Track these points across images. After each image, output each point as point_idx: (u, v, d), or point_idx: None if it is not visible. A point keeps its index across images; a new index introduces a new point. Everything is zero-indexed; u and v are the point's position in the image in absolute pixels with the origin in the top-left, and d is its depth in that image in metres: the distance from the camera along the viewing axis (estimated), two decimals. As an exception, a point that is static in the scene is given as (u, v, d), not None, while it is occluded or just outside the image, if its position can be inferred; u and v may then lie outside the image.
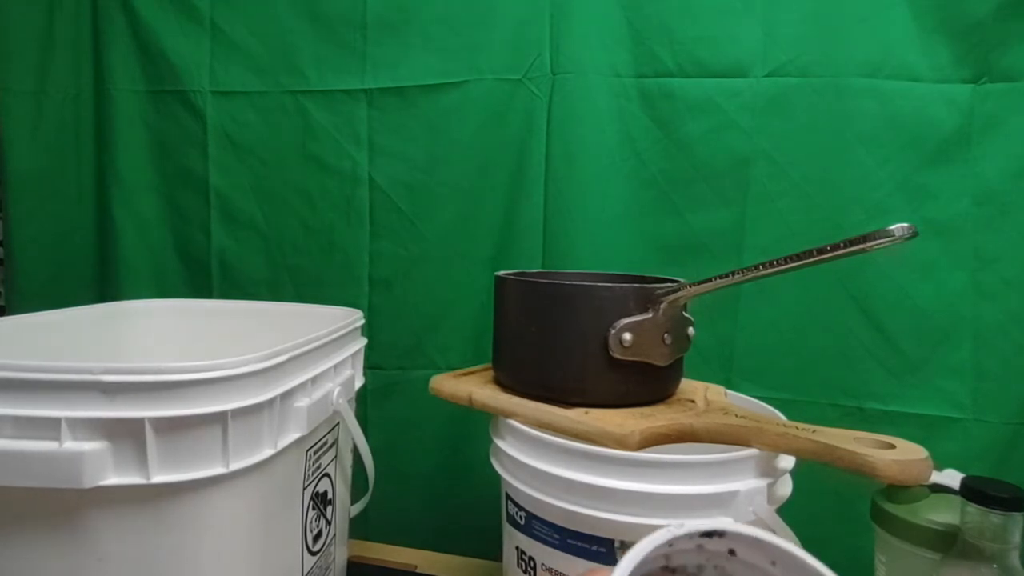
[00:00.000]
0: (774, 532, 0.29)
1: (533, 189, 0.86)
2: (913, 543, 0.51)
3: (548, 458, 0.51)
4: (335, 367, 0.59)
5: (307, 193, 0.93)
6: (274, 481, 0.49)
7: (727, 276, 0.50)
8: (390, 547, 0.84)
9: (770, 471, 0.50)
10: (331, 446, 0.62)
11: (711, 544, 0.25)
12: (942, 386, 0.78)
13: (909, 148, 0.77)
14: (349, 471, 0.70)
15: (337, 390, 0.58)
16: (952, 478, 0.54)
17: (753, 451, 0.48)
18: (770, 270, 0.47)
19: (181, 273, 0.97)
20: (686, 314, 0.58)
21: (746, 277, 0.48)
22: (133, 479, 0.40)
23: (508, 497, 0.58)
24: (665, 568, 0.27)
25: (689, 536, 0.24)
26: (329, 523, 0.62)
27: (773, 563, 0.26)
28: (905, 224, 0.40)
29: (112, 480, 0.40)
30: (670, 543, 0.24)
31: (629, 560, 0.23)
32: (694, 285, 0.52)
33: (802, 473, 0.52)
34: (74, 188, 0.98)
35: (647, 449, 0.48)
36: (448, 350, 0.92)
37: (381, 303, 0.92)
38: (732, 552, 0.26)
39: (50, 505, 0.41)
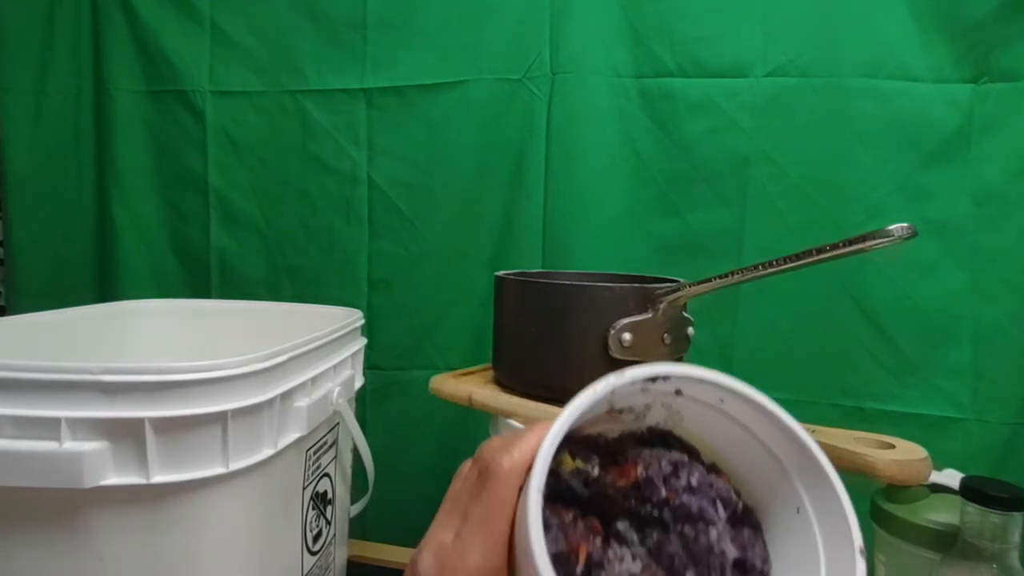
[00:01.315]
0: None
1: (533, 189, 0.86)
2: (913, 543, 0.51)
3: (548, 458, 0.50)
4: (335, 367, 0.59)
5: (307, 193, 0.93)
6: (274, 481, 0.49)
7: (727, 276, 0.50)
8: (390, 547, 0.84)
9: (770, 471, 0.50)
10: (331, 446, 0.62)
11: (656, 386, 0.25)
12: (942, 386, 0.78)
13: (909, 148, 0.78)
14: (349, 471, 0.70)
15: (337, 390, 0.58)
16: (952, 478, 0.54)
17: (753, 451, 0.48)
18: (770, 270, 0.47)
19: (181, 273, 0.97)
20: (686, 314, 0.58)
21: (746, 277, 0.48)
22: (133, 479, 0.40)
23: (508, 497, 0.58)
24: (611, 411, 0.27)
25: (632, 383, 0.24)
26: (329, 523, 0.62)
27: (721, 400, 0.26)
28: (904, 224, 0.40)
29: (112, 480, 0.40)
30: (612, 391, 0.24)
31: (569, 413, 0.23)
32: (694, 285, 0.52)
33: (802, 473, 0.52)
34: (74, 188, 0.98)
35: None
36: (448, 350, 0.92)
37: (381, 303, 0.92)
38: (679, 392, 0.26)
39: (50, 505, 0.41)
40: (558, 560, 0.21)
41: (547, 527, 0.22)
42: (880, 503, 0.54)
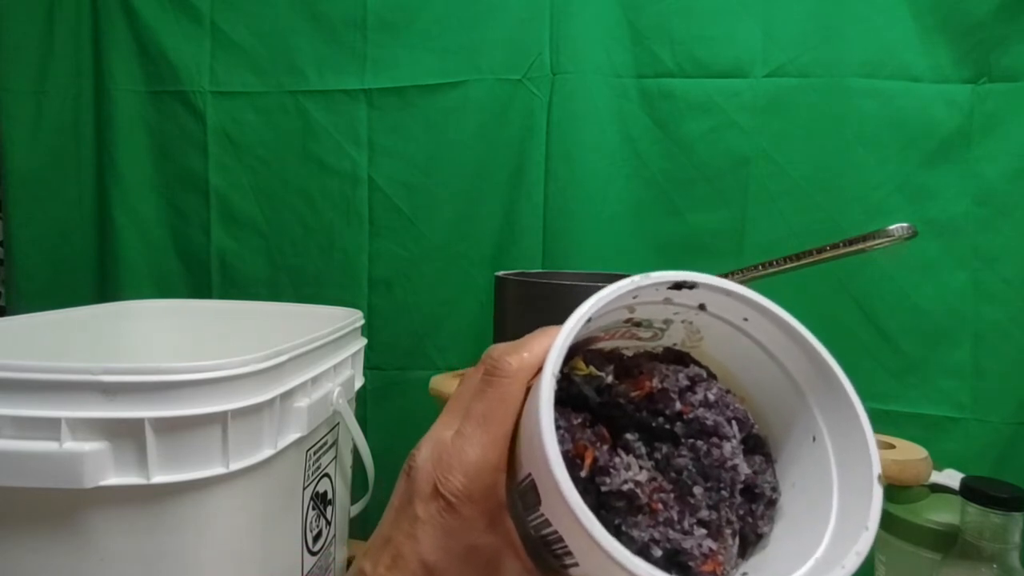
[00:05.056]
0: None
1: (533, 189, 0.86)
2: (913, 543, 0.51)
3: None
4: (335, 367, 0.59)
5: (307, 193, 0.93)
6: (274, 481, 0.49)
7: (727, 276, 0.50)
8: (390, 547, 0.83)
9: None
10: (331, 446, 0.62)
11: (680, 297, 0.24)
12: (942, 386, 0.78)
13: (909, 148, 0.78)
14: (349, 471, 0.70)
15: (337, 390, 0.58)
16: (952, 478, 0.54)
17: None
18: (770, 270, 0.47)
19: (181, 273, 0.97)
20: (686, 314, 0.58)
21: (746, 277, 0.49)
22: (133, 479, 0.40)
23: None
24: (629, 321, 0.25)
25: (656, 287, 0.23)
26: (329, 523, 0.62)
27: (745, 319, 0.25)
28: (905, 224, 0.40)
29: (112, 480, 0.40)
30: (635, 294, 0.23)
31: (590, 305, 0.22)
32: (694, 285, 0.52)
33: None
34: (74, 188, 0.98)
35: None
36: (448, 350, 0.91)
37: (381, 303, 0.92)
38: (702, 307, 0.25)
39: (50, 505, 0.41)
40: (563, 460, 0.20)
41: (555, 427, 0.21)
42: (880, 503, 0.54)
